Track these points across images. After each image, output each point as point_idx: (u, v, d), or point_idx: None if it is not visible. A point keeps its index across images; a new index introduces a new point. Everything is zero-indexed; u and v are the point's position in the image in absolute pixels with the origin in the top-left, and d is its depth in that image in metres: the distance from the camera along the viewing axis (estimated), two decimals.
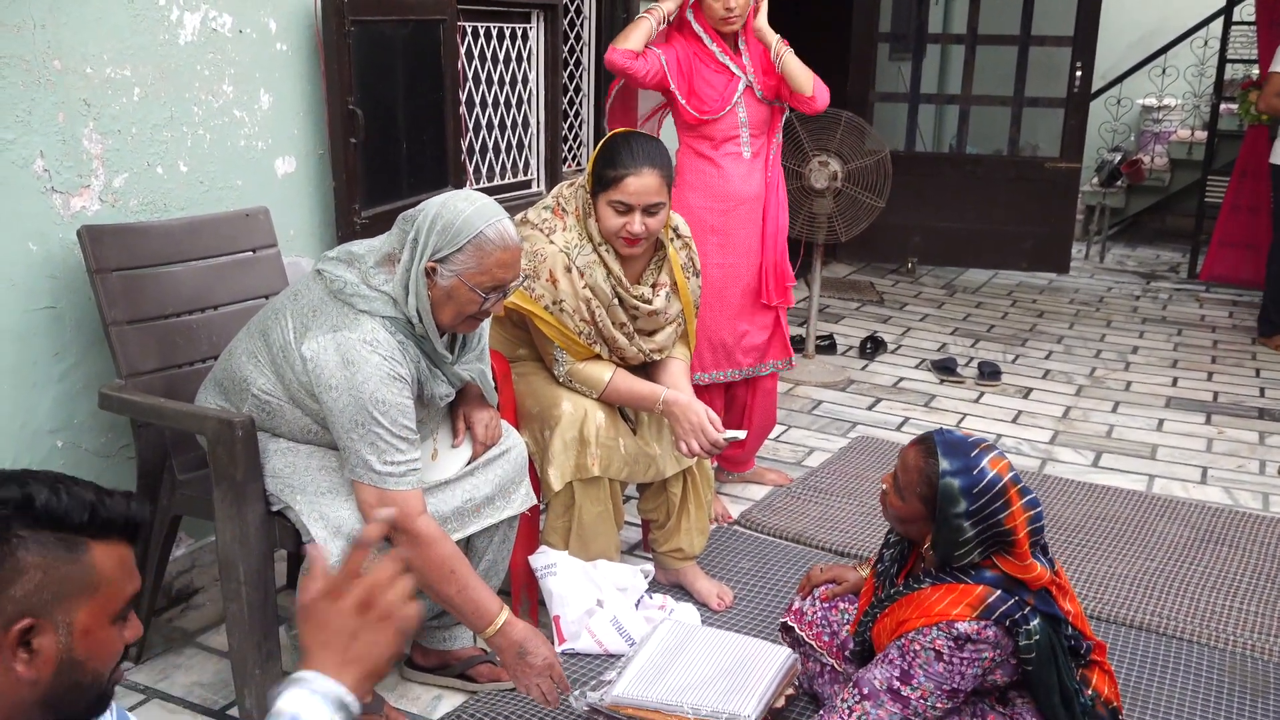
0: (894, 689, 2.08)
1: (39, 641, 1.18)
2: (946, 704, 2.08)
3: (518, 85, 4.22)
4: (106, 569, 1.23)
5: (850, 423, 4.53)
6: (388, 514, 2.09)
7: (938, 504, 2.06)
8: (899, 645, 2.10)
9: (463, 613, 2.30)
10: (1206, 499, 3.86)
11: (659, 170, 2.67)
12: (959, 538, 2.06)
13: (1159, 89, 8.20)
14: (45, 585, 1.18)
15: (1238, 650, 2.86)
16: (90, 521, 1.21)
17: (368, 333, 2.17)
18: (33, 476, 1.22)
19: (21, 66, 2.37)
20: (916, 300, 6.66)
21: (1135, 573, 3.25)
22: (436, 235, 2.18)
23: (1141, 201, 8.77)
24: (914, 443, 2.17)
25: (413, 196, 3.40)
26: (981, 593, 2.05)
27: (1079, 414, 4.72)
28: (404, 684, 2.65)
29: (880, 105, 7.12)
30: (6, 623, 1.16)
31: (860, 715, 2.09)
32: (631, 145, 2.68)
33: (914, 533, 2.17)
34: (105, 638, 1.24)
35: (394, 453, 2.18)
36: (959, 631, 2.03)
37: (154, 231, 2.59)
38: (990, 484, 2.05)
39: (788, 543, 3.41)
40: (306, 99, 3.08)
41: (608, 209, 2.68)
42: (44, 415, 2.52)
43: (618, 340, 2.79)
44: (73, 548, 1.20)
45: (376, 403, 2.15)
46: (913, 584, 2.16)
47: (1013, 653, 2.07)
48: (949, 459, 2.07)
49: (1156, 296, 6.95)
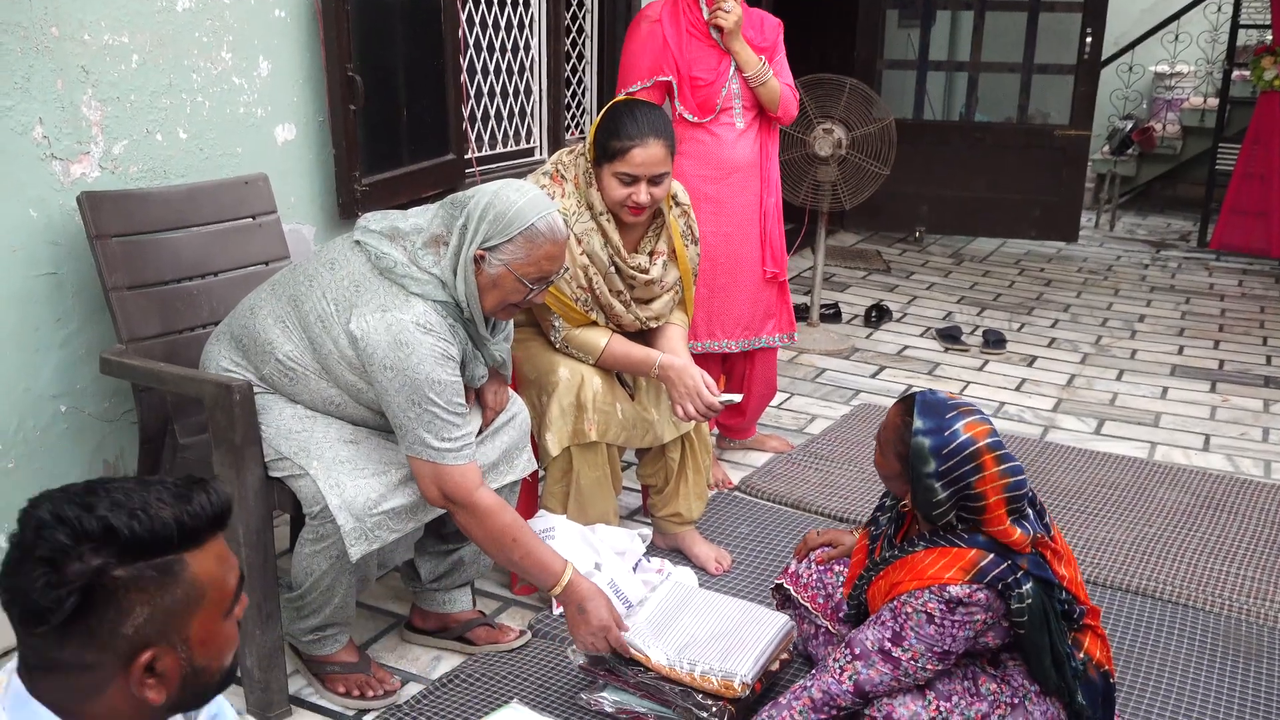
0: (885, 650, 2.10)
1: (161, 665, 1.19)
2: (937, 665, 2.10)
3: (520, 53, 4.21)
4: (206, 574, 1.22)
5: (853, 390, 4.54)
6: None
7: (910, 462, 2.09)
8: (891, 607, 2.12)
9: (529, 574, 2.37)
10: (1208, 466, 3.86)
11: (664, 140, 2.66)
12: (932, 498, 2.08)
13: (1171, 55, 8.13)
14: (154, 616, 1.17)
15: (1232, 614, 2.87)
16: (180, 539, 1.19)
17: (420, 315, 2.19)
18: (107, 493, 1.18)
19: (19, 33, 2.38)
20: (923, 269, 6.64)
21: (1133, 538, 3.26)
22: (488, 224, 2.21)
23: (1153, 169, 8.71)
24: (897, 401, 2.19)
25: (414, 164, 3.42)
26: (974, 556, 2.07)
27: (1083, 382, 4.72)
28: (403, 645, 2.69)
29: (888, 73, 7.08)
30: (128, 659, 1.17)
31: (851, 675, 2.12)
32: (636, 115, 2.67)
33: (897, 490, 2.21)
34: (221, 634, 1.25)
35: (449, 429, 2.22)
36: (950, 595, 2.05)
37: (154, 198, 2.61)
38: (960, 447, 2.06)
39: (787, 508, 3.43)
40: (306, 66, 3.08)
41: (612, 179, 2.67)
42: (47, 380, 2.55)
43: (615, 307, 2.80)
44: (170, 569, 1.19)
45: (431, 383, 2.18)
46: (907, 547, 2.18)
47: (1004, 615, 2.09)
48: (924, 418, 2.09)
49: (1165, 265, 6.92)
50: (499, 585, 2.95)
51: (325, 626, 2.44)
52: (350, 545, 2.24)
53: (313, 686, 2.49)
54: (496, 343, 2.42)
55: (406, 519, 2.33)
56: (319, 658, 2.47)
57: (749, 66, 3.36)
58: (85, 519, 1.15)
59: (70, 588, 1.13)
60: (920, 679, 2.11)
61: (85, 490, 1.19)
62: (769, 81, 3.38)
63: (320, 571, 2.32)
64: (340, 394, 2.31)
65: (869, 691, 2.11)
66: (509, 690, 2.47)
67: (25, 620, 1.16)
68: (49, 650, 1.16)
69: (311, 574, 2.33)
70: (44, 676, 1.18)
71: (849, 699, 2.12)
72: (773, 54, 3.43)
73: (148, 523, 1.16)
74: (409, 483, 2.31)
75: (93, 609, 1.14)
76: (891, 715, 2.11)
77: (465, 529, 2.32)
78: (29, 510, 1.19)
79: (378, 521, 2.27)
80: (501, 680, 2.51)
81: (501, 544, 2.30)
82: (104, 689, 1.18)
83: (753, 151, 3.46)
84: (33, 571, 1.14)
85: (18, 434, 2.51)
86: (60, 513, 1.16)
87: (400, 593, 2.87)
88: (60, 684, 1.18)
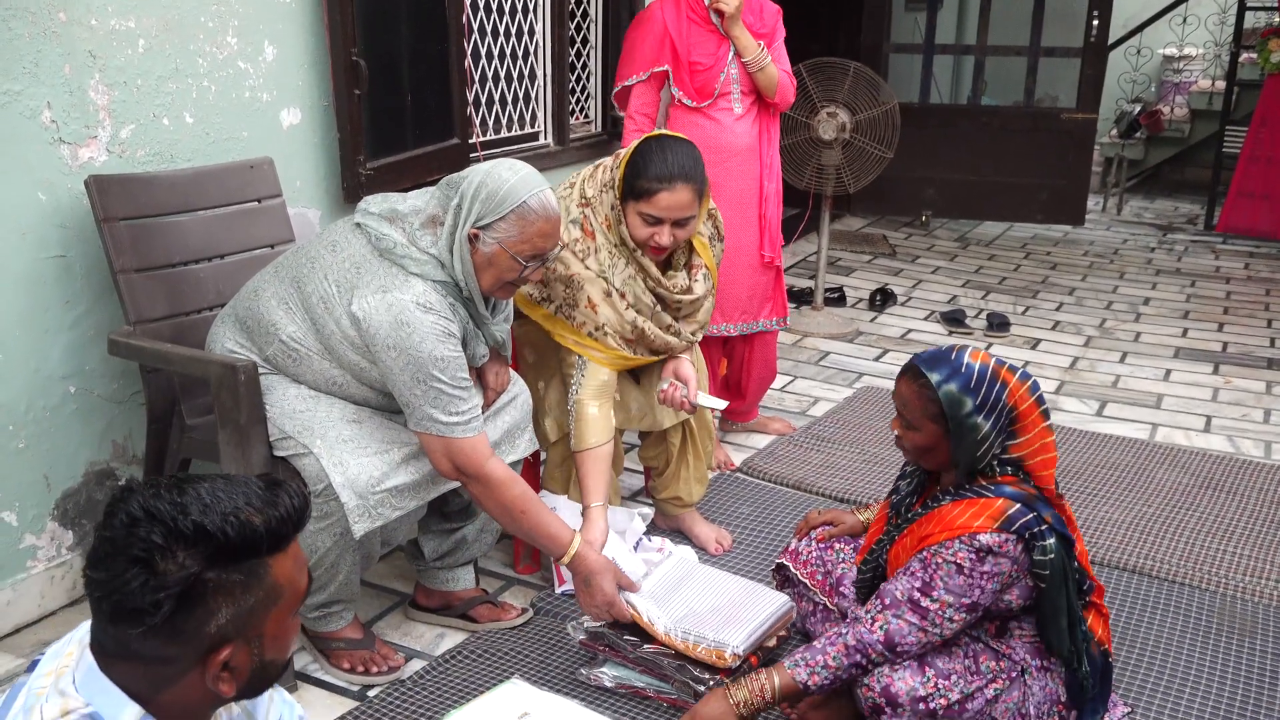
0: (914, 600, 2.12)
1: (235, 660, 1.23)
2: (964, 617, 2.11)
3: (524, 37, 4.23)
4: (285, 576, 1.26)
5: (856, 373, 4.57)
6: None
7: (948, 415, 2.11)
8: (921, 558, 2.14)
9: (539, 544, 2.46)
10: (1209, 447, 3.88)
11: (692, 184, 2.58)
12: (978, 436, 2.12)
13: (1180, 38, 8.09)
14: (236, 615, 1.22)
15: (1227, 592, 2.90)
16: (267, 546, 1.23)
17: (420, 294, 2.23)
18: (197, 494, 1.20)
19: (28, 18, 2.41)
20: (929, 253, 6.65)
21: (1132, 518, 3.29)
22: (480, 203, 2.24)
23: (1161, 153, 8.69)
24: (900, 378, 2.22)
25: (418, 148, 3.44)
26: (1002, 505, 2.10)
27: (1086, 364, 4.74)
28: (408, 623, 2.73)
29: (895, 56, 7.07)
30: (207, 654, 1.21)
31: (882, 624, 2.14)
32: (666, 155, 2.58)
33: (936, 458, 2.20)
34: (290, 629, 1.30)
35: (456, 403, 2.26)
36: (980, 543, 2.07)
37: (160, 182, 2.64)
38: (982, 372, 2.12)
39: (788, 489, 3.46)
40: (310, 51, 3.11)
41: (636, 218, 2.62)
42: (56, 361, 2.59)
43: (669, 344, 2.77)
44: (255, 573, 1.23)
45: (435, 360, 2.22)
46: (931, 504, 2.21)
47: (1029, 569, 2.11)
48: (937, 371, 2.13)
49: (1172, 248, 6.92)
50: (502, 564, 3.00)
51: (330, 603, 2.48)
52: (354, 522, 2.28)
53: (318, 663, 2.53)
54: (496, 323, 2.45)
55: (409, 497, 2.37)
56: (324, 634, 2.52)
57: (748, 52, 3.38)
58: (180, 520, 1.18)
59: (169, 592, 1.16)
60: (947, 631, 2.12)
61: (176, 488, 1.21)
62: (767, 67, 3.40)
63: (325, 549, 2.36)
64: (343, 374, 2.34)
65: (898, 644, 2.12)
66: (511, 666, 2.51)
67: (115, 617, 1.19)
68: (130, 642, 1.20)
69: (316, 551, 2.36)
70: (120, 663, 1.22)
71: (879, 649, 2.13)
72: (771, 40, 3.45)
73: (240, 528, 1.20)
74: (411, 461, 2.35)
75: (182, 610, 1.18)
76: (890, 688, 2.13)
77: (478, 500, 2.38)
78: (118, 503, 1.21)
79: (380, 499, 2.31)
80: (503, 657, 2.55)
81: (512, 514, 2.36)
82: (178, 680, 1.22)
83: (751, 136, 3.49)
84: (127, 570, 1.17)
85: (28, 414, 2.56)
86: (152, 509, 1.18)
87: (404, 571, 2.91)
88: (135, 671, 1.22)
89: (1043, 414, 2.17)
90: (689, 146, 2.65)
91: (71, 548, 2.72)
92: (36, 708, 1.20)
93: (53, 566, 2.67)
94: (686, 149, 2.63)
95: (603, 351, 2.70)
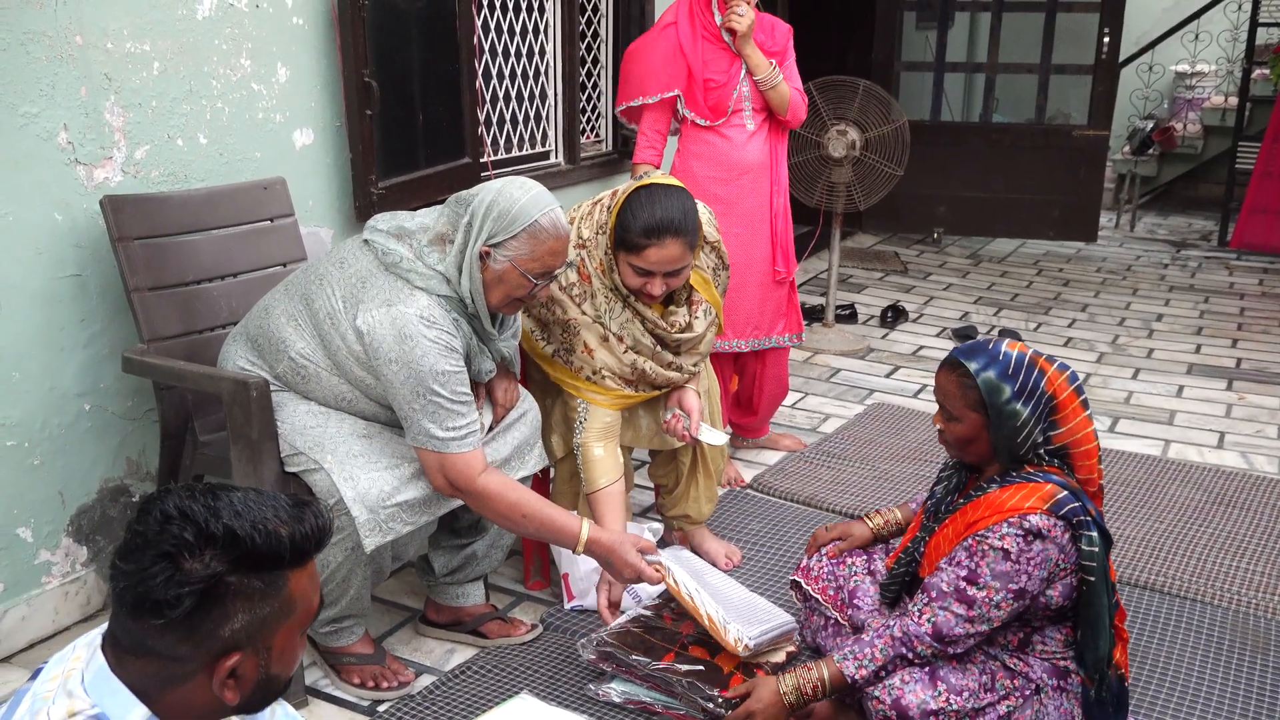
0: (960, 590, 2.11)
1: (242, 669, 1.26)
2: (1012, 605, 2.10)
3: (535, 58, 4.27)
4: (300, 591, 1.29)
5: (867, 390, 4.57)
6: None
7: (988, 402, 2.13)
8: (966, 546, 2.14)
9: (550, 539, 2.46)
10: (1222, 463, 3.86)
11: (682, 237, 2.53)
12: (1017, 423, 2.13)
13: (1192, 54, 8.09)
14: (250, 623, 1.25)
15: (1241, 609, 2.88)
16: (290, 557, 1.26)
17: (423, 308, 2.25)
18: (229, 501, 1.24)
19: (45, 42, 2.46)
20: (941, 270, 6.66)
21: (1144, 534, 3.28)
22: (492, 221, 2.26)
23: (1174, 169, 8.68)
24: (940, 370, 2.24)
25: (429, 168, 3.48)
26: (1050, 489, 2.11)
27: (1098, 380, 4.73)
28: (418, 638, 2.74)
29: (906, 74, 7.09)
30: (216, 659, 1.24)
31: (930, 617, 2.14)
32: (654, 209, 2.52)
33: (979, 449, 2.21)
34: (297, 646, 1.32)
35: (453, 419, 2.27)
36: (1030, 524, 2.07)
37: (174, 201, 2.68)
38: (1020, 360, 2.15)
39: (799, 505, 3.47)
40: (323, 72, 3.15)
41: (628, 268, 2.61)
42: (71, 379, 2.62)
43: (671, 379, 2.78)
44: (275, 583, 1.26)
45: (435, 374, 2.23)
46: (975, 494, 2.21)
47: (1076, 563, 2.11)
48: (975, 360, 2.16)
49: (1185, 264, 6.90)
50: (512, 580, 3.00)
51: (342, 618, 2.49)
52: (365, 537, 2.30)
53: (329, 678, 2.54)
54: (504, 339, 2.47)
55: (420, 512, 2.38)
56: (335, 649, 2.53)
57: (759, 70, 3.41)
58: (212, 522, 1.22)
59: (192, 588, 1.19)
60: (995, 621, 2.11)
61: (210, 493, 1.25)
62: (779, 85, 3.43)
63: (336, 564, 2.37)
64: (351, 390, 2.37)
65: (946, 635, 2.12)
66: (520, 682, 2.51)
67: (137, 608, 1.22)
68: (146, 637, 1.22)
69: (327, 566, 2.38)
70: (132, 659, 1.24)
71: (927, 641, 2.13)
72: (783, 58, 3.48)
73: (267, 537, 1.23)
74: (422, 476, 2.37)
75: (201, 609, 1.21)
76: (900, 701, 2.13)
77: (479, 512, 2.40)
78: (153, 501, 1.25)
79: (391, 514, 2.32)
80: (513, 672, 2.56)
81: (513, 520, 2.36)
82: (186, 682, 1.24)
83: (762, 153, 3.51)
84: (153, 564, 1.20)
85: (43, 431, 2.59)
86: (186, 510, 1.22)
87: (415, 587, 2.92)
88: (146, 668, 1.24)
89: (1083, 404, 2.19)
90: (679, 196, 2.58)
91: (86, 564, 2.74)
92: (43, 710, 1.22)
93: (67, 582, 2.70)
94: (676, 199, 2.56)
95: (603, 394, 2.72)
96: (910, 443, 3.93)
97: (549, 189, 2.37)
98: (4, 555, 2.56)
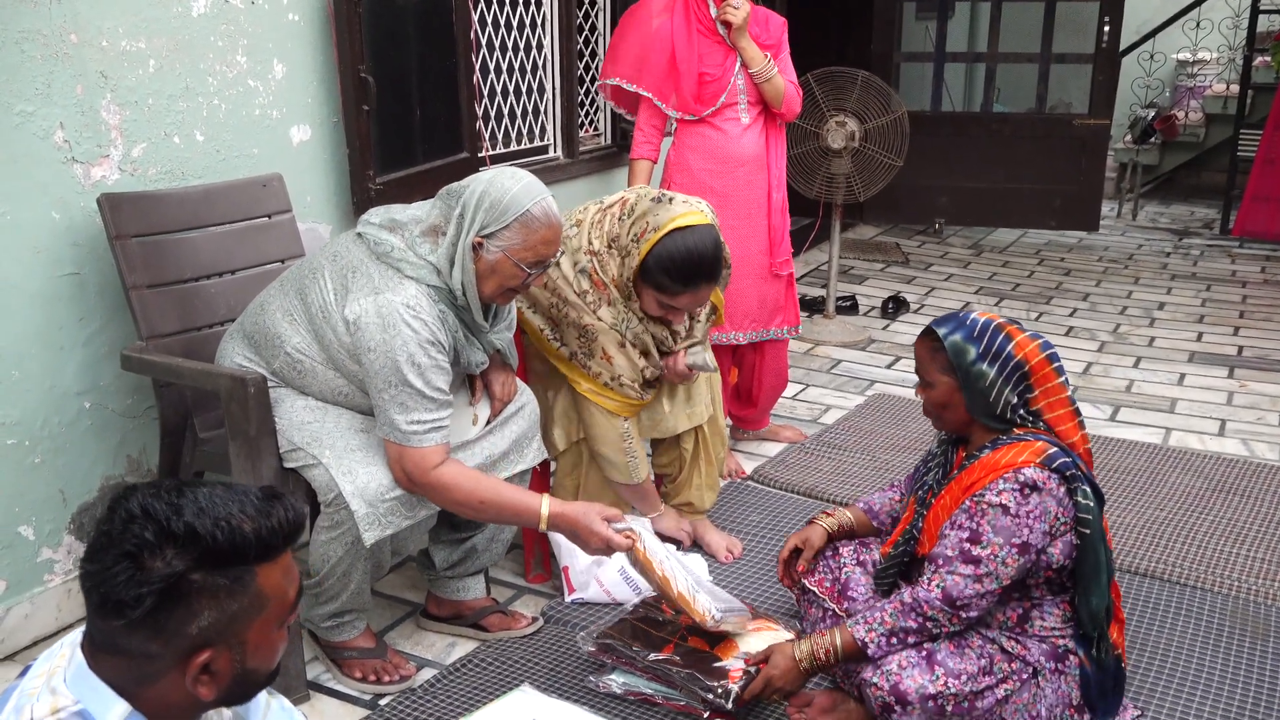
0: (964, 550, 2.14)
1: (216, 664, 1.26)
2: (1018, 560, 2.12)
3: (533, 51, 4.27)
4: (272, 586, 1.28)
5: (868, 381, 4.57)
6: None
7: (954, 364, 2.20)
8: (965, 508, 2.17)
9: (513, 521, 2.43)
10: (1223, 451, 3.86)
11: (715, 280, 2.65)
12: (985, 383, 2.19)
13: (1193, 42, 8.06)
14: (218, 620, 1.24)
15: (1241, 595, 2.88)
16: (256, 553, 1.26)
17: (410, 297, 2.25)
18: (194, 497, 1.24)
19: (40, 40, 2.46)
20: (942, 261, 6.65)
21: (1144, 522, 3.28)
22: (484, 212, 2.27)
23: (1176, 158, 8.66)
24: (916, 341, 2.31)
25: (427, 163, 3.48)
26: (1041, 446, 2.16)
27: (1099, 369, 4.72)
28: (419, 632, 2.75)
29: (906, 65, 7.08)
30: (186, 656, 1.24)
31: (939, 582, 2.15)
32: (691, 254, 2.58)
33: (956, 414, 2.26)
34: (275, 640, 1.32)
35: (420, 412, 2.27)
36: (1025, 477, 2.11)
37: (171, 199, 2.68)
38: (985, 324, 2.22)
39: (799, 496, 3.47)
40: (319, 68, 3.15)
41: (653, 301, 2.66)
42: (71, 377, 2.63)
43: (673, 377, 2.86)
44: (241, 580, 1.25)
45: (411, 364, 2.23)
46: (968, 461, 2.25)
47: (1074, 517, 2.14)
48: (944, 326, 2.24)
49: (1188, 253, 6.89)
50: (512, 573, 3.01)
51: (343, 613, 2.50)
52: (364, 531, 2.30)
53: (330, 672, 2.55)
54: (497, 331, 2.47)
55: (418, 505, 2.39)
56: (337, 643, 2.54)
57: (754, 63, 3.40)
58: (173, 520, 1.21)
59: (151, 587, 1.19)
60: (1004, 577, 2.12)
61: (175, 490, 1.25)
62: (774, 78, 3.43)
63: (336, 558, 2.38)
64: (347, 384, 2.37)
65: (956, 598, 2.13)
66: (521, 675, 2.52)
67: (102, 608, 1.22)
68: (116, 635, 1.23)
69: (328, 561, 2.39)
70: (106, 657, 1.25)
71: (937, 605, 2.14)
72: (777, 51, 3.48)
73: (229, 534, 1.23)
74: None
75: (165, 607, 1.21)
76: (898, 686, 2.13)
77: (438, 504, 2.37)
78: (119, 500, 1.25)
79: (390, 507, 2.33)
80: (513, 665, 2.56)
81: (473, 507, 2.33)
82: (159, 679, 1.25)
83: (758, 146, 3.50)
84: (116, 564, 1.20)
85: (43, 430, 2.59)
86: (149, 509, 1.22)
87: (416, 581, 2.93)
88: (120, 666, 1.25)
89: (1056, 370, 2.23)
90: (712, 238, 2.62)
91: None
92: (27, 707, 1.23)
93: (69, 580, 2.71)
94: (709, 244, 2.60)
95: (618, 400, 2.75)
96: (911, 433, 3.93)
97: (548, 183, 2.38)
98: (6, 554, 2.57)
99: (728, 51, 3.43)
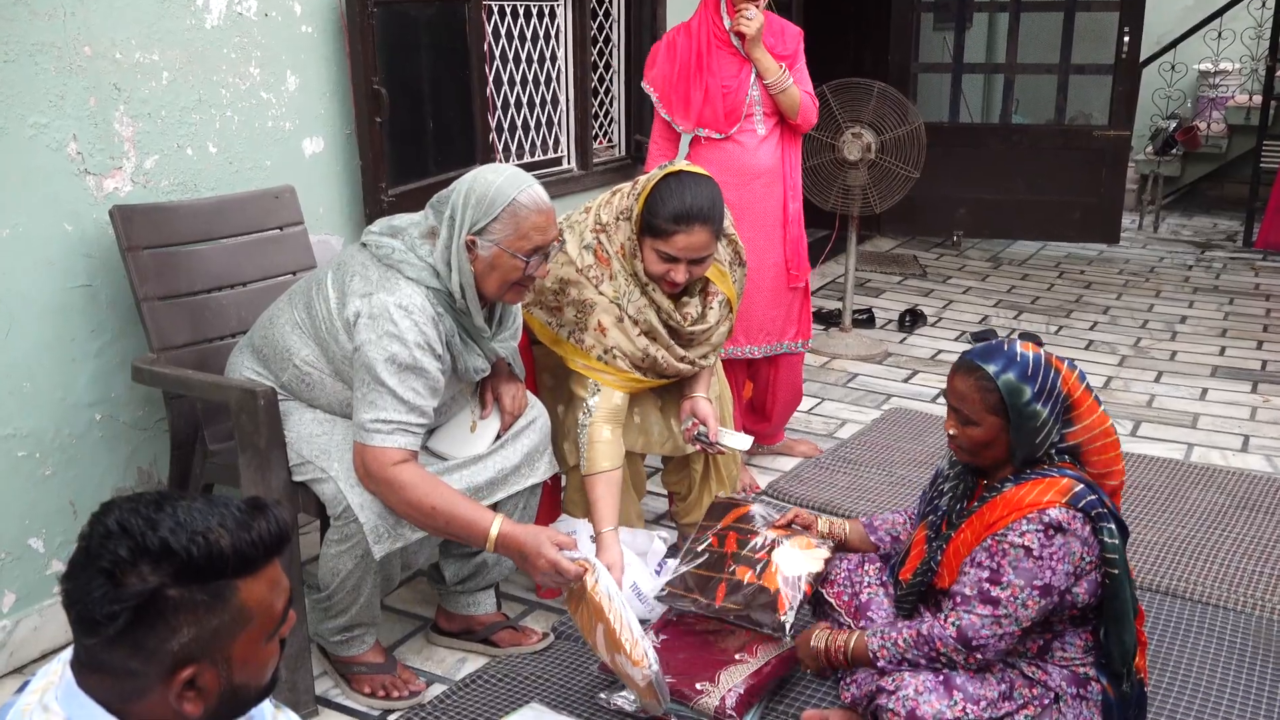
0: (983, 591, 2.09)
1: (201, 681, 1.23)
2: (1039, 603, 2.07)
3: (546, 63, 4.26)
4: (255, 600, 1.25)
5: (885, 395, 4.53)
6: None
7: (1008, 404, 2.11)
8: (986, 547, 2.12)
9: (460, 537, 2.31)
10: (1246, 467, 3.80)
11: (710, 225, 2.57)
12: (1037, 423, 2.11)
13: (1215, 53, 8.00)
14: (200, 636, 1.21)
15: (1265, 614, 2.83)
16: (235, 567, 1.23)
17: (404, 297, 2.24)
18: (173, 511, 1.21)
19: (54, 53, 2.47)
20: (960, 273, 6.60)
21: (1165, 539, 3.23)
22: (472, 209, 2.26)
23: (1198, 169, 8.58)
24: (954, 375, 2.20)
25: (440, 175, 3.47)
26: (1067, 483, 2.10)
27: (1120, 384, 4.67)
28: (429, 647, 2.73)
29: (924, 76, 7.04)
30: (169, 673, 1.21)
31: (955, 621, 2.11)
32: (684, 194, 2.55)
33: (994, 453, 2.17)
34: (263, 654, 1.29)
35: (388, 411, 2.22)
36: (1050, 518, 2.05)
37: (183, 211, 2.68)
38: (1037, 360, 2.14)
39: (814, 512, 3.43)
40: (332, 80, 3.15)
41: (652, 254, 2.61)
42: (82, 389, 2.63)
43: (680, 371, 2.77)
44: (221, 595, 1.22)
45: (391, 364, 2.21)
46: (989, 495, 2.18)
47: (1100, 556, 2.09)
48: (993, 363, 2.13)
49: (1210, 266, 6.82)
50: (523, 589, 2.99)
51: (352, 627, 2.48)
52: (373, 544, 2.29)
53: (339, 687, 2.53)
54: (501, 339, 2.44)
55: None
56: (346, 658, 2.52)
57: (769, 74, 3.38)
58: (149, 536, 1.19)
59: (125, 604, 1.17)
60: (1024, 620, 2.07)
61: (153, 504, 1.22)
62: (789, 89, 3.41)
63: (346, 571, 2.36)
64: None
65: (972, 639, 2.08)
66: (531, 691, 2.49)
67: (81, 625, 1.21)
68: (98, 652, 1.21)
69: (338, 574, 2.37)
70: (92, 674, 1.23)
71: (951, 643, 2.10)
72: (793, 62, 3.46)
73: (205, 548, 1.20)
74: None
75: (142, 624, 1.19)
76: (915, 711, 2.10)
77: (387, 504, 2.28)
78: (99, 516, 1.23)
79: (399, 520, 2.31)
80: (523, 681, 2.54)
81: (423, 512, 2.25)
82: (145, 696, 1.22)
83: (774, 158, 3.48)
84: (92, 581, 1.18)
85: (54, 441, 2.59)
86: (126, 524, 1.20)
87: (426, 596, 2.91)
88: (106, 684, 1.23)
89: (1096, 400, 2.19)
90: (708, 184, 2.60)
91: None
92: None
93: None
94: (705, 187, 2.59)
95: (614, 374, 2.70)
96: (928, 448, 3.89)
97: (561, 195, 2.37)
98: (16, 566, 2.57)
99: (742, 63, 3.41)
